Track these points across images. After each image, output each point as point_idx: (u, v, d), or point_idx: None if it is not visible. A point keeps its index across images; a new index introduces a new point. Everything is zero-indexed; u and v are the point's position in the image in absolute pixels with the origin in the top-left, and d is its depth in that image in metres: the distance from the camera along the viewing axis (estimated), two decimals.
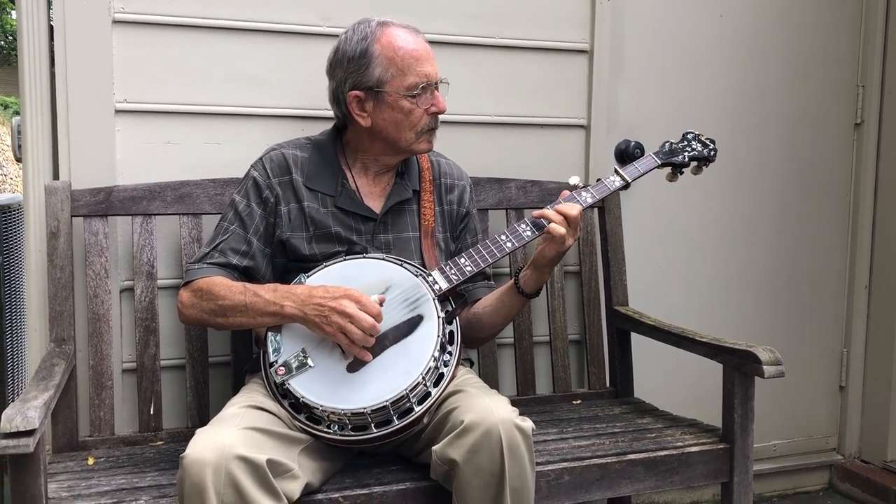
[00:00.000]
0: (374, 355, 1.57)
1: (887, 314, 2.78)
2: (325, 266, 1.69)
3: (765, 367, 1.77)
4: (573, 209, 1.68)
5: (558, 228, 1.67)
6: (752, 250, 2.71)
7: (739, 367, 1.84)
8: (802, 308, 2.80)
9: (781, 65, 2.67)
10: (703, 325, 2.14)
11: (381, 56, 1.70)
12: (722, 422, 1.89)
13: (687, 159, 1.90)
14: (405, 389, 1.53)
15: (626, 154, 2.40)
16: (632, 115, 2.46)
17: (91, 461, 1.78)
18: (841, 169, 2.80)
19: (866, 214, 2.81)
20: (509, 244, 1.72)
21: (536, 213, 1.71)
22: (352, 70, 1.72)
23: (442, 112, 1.76)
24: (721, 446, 1.87)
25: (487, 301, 1.84)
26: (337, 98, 1.77)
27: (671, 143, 1.91)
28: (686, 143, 1.92)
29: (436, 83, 1.74)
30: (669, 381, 2.48)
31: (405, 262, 1.70)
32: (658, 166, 1.88)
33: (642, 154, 1.85)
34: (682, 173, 1.93)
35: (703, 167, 1.94)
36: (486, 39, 2.26)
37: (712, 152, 1.93)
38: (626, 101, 2.47)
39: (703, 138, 1.93)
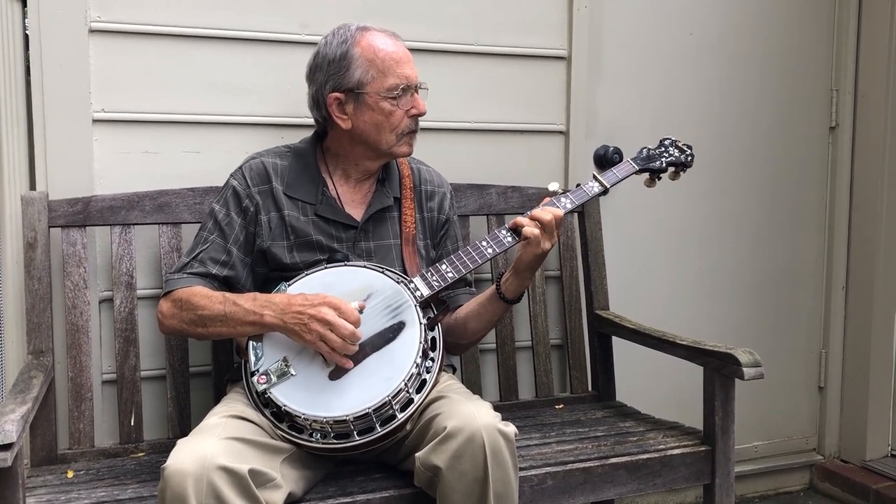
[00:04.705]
0: (356, 362, 1.57)
1: (864, 314, 2.82)
2: (307, 274, 1.68)
3: (745, 369, 1.78)
4: (546, 214, 1.69)
5: (533, 230, 1.67)
6: (731, 253, 2.73)
7: (720, 370, 1.85)
8: (781, 310, 2.83)
9: (758, 70, 2.70)
10: (684, 327, 2.16)
11: (362, 58, 1.70)
12: (703, 424, 1.91)
13: (664, 165, 1.92)
14: (388, 396, 1.53)
15: (605, 160, 2.42)
16: (610, 121, 2.48)
17: (71, 474, 1.76)
18: (817, 172, 2.84)
19: (842, 216, 2.84)
20: (490, 250, 1.73)
21: (512, 222, 1.73)
22: (332, 72, 1.72)
23: (422, 114, 1.76)
24: (703, 448, 1.88)
25: (470, 307, 1.84)
26: (317, 102, 1.77)
27: (649, 149, 1.93)
28: (663, 148, 1.93)
29: (415, 86, 1.75)
30: (651, 384, 2.49)
31: (386, 269, 1.70)
32: (636, 172, 1.89)
33: (621, 159, 1.87)
34: (659, 179, 1.94)
35: (681, 172, 1.96)
36: (464, 46, 2.27)
37: (689, 158, 1.95)
38: (604, 107, 2.48)
39: (680, 144, 1.95)
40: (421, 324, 1.61)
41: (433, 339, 1.65)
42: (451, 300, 1.86)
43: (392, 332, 1.61)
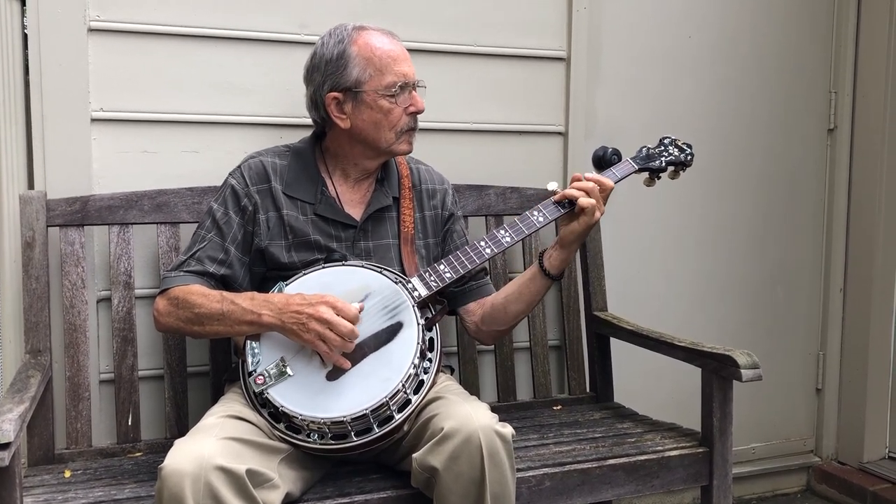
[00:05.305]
0: (354, 363, 1.57)
1: (862, 316, 2.82)
2: (304, 274, 1.68)
3: (743, 371, 1.78)
4: (592, 183, 1.73)
5: (589, 200, 1.70)
6: (730, 255, 2.73)
7: (718, 371, 1.85)
8: (779, 311, 2.83)
9: (756, 72, 2.70)
10: (682, 329, 2.16)
11: (359, 57, 1.70)
12: (701, 425, 1.91)
13: (664, 164, 1.91)
14: (385, 397, 1.53)
15: (604, 160, 2.39)
16: (609, 122, 2.48)
17: (68, 474, 1.76)
18: (815, 173, 2.84)
19: (840, 218, 2.85)
20: (488, 250, 1.73)
21: (558, 195, 1.75)
22: (329, 72, 1.72)
23: (421, 111, 1.76)
24: (700, 450, 1.88)
25: (509, 290, 1.85)
26: (315, 102, 1.77)
27: (648, 149, 1.93)
28: (663, 147, 1.93)
29: (413, 83, 1.75)
30: (649, 385, 2.49)
31: (384, 268, 1.70)
32: (635, 171, 1.89)
33: (619, 160, 1.87)
34: (659, 178, 1.94)
35: (681, 172, 1.95)
36: (463, 47, 2.27)
37: (689, 157, 1.94)
38: (603, 108, 2.48)
39: (680, 143, 1.95)
40: (419, 324, 1.61)
41: (431, 339, 1.64)
42: (474, 292, 1.88)
43: (390, 333, 1.61)
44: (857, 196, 2.83)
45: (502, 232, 1.75)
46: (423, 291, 1.67)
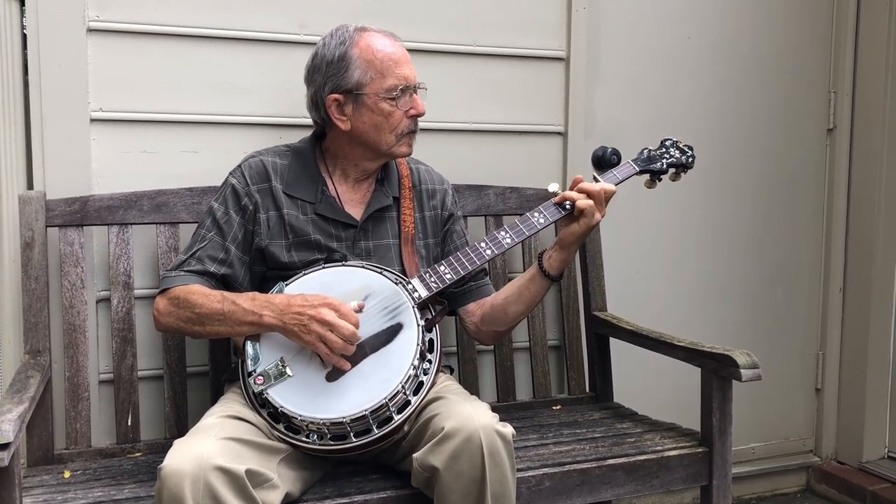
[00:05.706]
0: (354, 364, 1.57)
1: (861, 316, 2.82)
2: (305, 274, 1.68)
3: (742, 371, 1.78)
4: (594, 185, 1.73)
5: (587, 202, 1.70)
6: (729, 255, 2.73)
7: (717, 371, 1.85)
8: (778, 312, 2.83)
9: (755, 72, 2.71)
10: (681, 329, 2.16)
11: (360, 59, 1.70)
12: (700, 425, 1.91)
13: (665, 166, 1.91)
14: (385, 398, 1.53)
15: (604, 160, 2.42)
16: (609, 122, 2.48)
17: (67, 474, 1.75)
18: (814, 173, 2.84)
19: (839, 217, 2.85)
20: (489, 251, 1.73)
21: (558, 197, 1.75)
22: (331, 74, 1.72)
23: (421, 114, 1.76)
24: (700, 450, 1.88)
25: (508, 291, 1.85)
26: (316, 103, 1.77)
27: (649, 150, 1.93)
28: (664, 149, 1.93)
29: (414, 86, 1.75)
30: (648, 385, 2.50)
31: (384, 269, 1.70)
32: (637, 173, 1.89)
33: (619, 160, 1.87)
34: (660, 180, 1.94)
35: (682, 174, 1.95)
36: (463, 47, 2.27)
37: (690, 159, 1.94)
38: (602, 109, 2.48)
39: (681, 145, 1.95)
40: (419, 325, 1.61)
41: (430, 340, 1.65)
42: (474, 292, 1.89)
43: (390, 334, 1.61)
44: (857, 196, 2.83)
45: (503, 233, 1.75)
46: (424, 292, 1.67)
